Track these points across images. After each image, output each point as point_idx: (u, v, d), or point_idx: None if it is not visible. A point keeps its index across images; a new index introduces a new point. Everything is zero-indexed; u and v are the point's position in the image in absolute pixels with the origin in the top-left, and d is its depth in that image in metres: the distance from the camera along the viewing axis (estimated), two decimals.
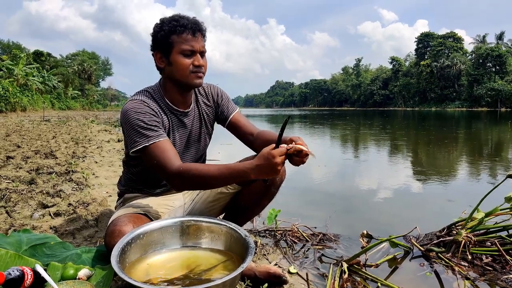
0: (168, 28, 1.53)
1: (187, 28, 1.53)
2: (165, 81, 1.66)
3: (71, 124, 13.81)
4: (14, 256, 1.41)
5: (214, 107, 1.84)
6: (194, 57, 1.56)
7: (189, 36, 1.54)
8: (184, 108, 1.71)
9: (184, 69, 1.56)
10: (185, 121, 1.72)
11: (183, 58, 1.55)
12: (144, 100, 1.60)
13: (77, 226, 2.24)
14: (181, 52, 1.54)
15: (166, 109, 1.66)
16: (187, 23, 1.53)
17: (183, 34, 1.53)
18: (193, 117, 1.76)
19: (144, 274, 1.32)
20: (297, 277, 1.75)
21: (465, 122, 20.54)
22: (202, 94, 1.82)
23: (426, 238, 2.22)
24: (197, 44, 1.55)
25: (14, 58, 32.91)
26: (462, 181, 4.58)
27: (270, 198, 1.78)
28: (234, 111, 1.84)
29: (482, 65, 66.18)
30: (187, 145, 1.77)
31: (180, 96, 1.68)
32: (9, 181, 3.32)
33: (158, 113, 1.60)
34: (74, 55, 67.14)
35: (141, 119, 1.51)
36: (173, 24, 1.53)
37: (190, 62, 1.56)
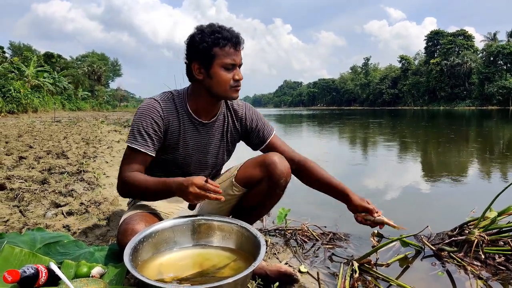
0: (211, 40, 1.49)
1: (230, 41, 1.50)
2: (197, 90, 1.63)
3: (82, 125, 13.95)
4: (29, 254, 1.43)
5: (241, 129, 1.80)
6: (235, 70, 1.54)
7: (231, 50, 1.51)
8: (205, 119, 1.68)
9: (225, 83, 1.54)
10: (202, 130, 1.69)
11: (224, 72, 1.53)
12: (160, 102, 1.61)
13: (89, 225, 2.27)
14: (223, 65, 1.52)
15: (184, 115, 1.64)
16: (230, 36, 1.50)
17: (225, 47, 1.50)
18: (214, 130, 1.72)
19: (156, 272, 1.33)
20: (307, 276, 1.75)
21: (476, 121, 20.31)
22: (233, 111, 1.77)
23: (437, 238, 2.20)
24: (238, 58, 1.54)
25: (25, 60, 33.34)
26: (473, 180, 4.53)
27: (276, 200, 1.75)
28: (271, 135, 1.80)
29: (493, 63, 65.27)
30: (202, 156, 1.74)
31: (208, 106, 1.65)
32: (22, 181, 3.36)
33: (165, 119, 1.60)
34: (84, 57, 67.81)
35: (142, 122, 1.56)
36: (216, 36, 1.49)
37: (231, 76, 1.54)
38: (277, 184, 1.62)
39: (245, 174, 1.68)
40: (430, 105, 75.72)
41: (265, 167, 1.61)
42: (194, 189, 1.35)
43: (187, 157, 1.69)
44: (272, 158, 1.61)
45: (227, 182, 1.73)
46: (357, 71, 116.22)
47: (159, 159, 1.66)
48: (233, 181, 1.70)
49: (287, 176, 1.64)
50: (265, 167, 1.61)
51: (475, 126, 15.73)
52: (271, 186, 1.63)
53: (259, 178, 1.64)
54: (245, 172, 1.69)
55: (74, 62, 63.85)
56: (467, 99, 70.38)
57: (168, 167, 1.71)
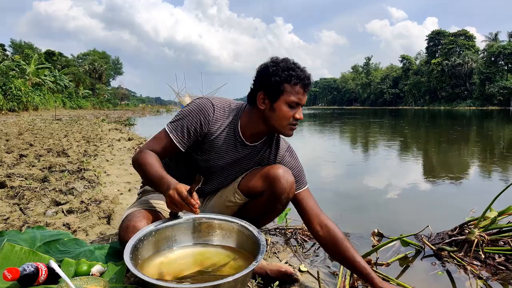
0: (284, 76, 1.50)
1: (301, 81, 1.51)
2: (254, 115, 1.62)
3: (82, 123, 13.95)
4: (29, 252, 1.43)
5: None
6: (297, 109, 1.54)
7: (300, 90, 1.52)
8: (249, 141, 1.67)
9: (285, 119, 1.54)
10: (240, 149, 1.67)
11: (287, 108, 1.52)
12: (215, 107, 1.61)
13: (89, 223, 2.27)
14: (288, 102, 1.52)
15: (232, 128, 1.63)
16: (303, 77, 1.51)
17: (296, 86, 1.51)
18: (251, 153, 1.71)
19: (157, 270, 1.33)
20: (307, 275, 1.75)
21: (476, 121, 20.29)
22: (276, 145, 1.75)
23: (437, 237, 2.20)
24: (304, 98, 1.54)
25: (26, 58, 33.34)
26: (474, 180, 4.53)
27: (276, 213, 1.73)
28: (301, 188, 1.70)
29: (494, 63, 65.18)
30: (227, 170, 1.72)
31: (257, 132, 1.65)
32: (22, 179, 3.37)
33: (212, 124, 1.60)
34: (85, 55, 67.85)
35: (189, 118, 1.57)
36: (290, 73, 1.50)
37: (292, 114, 1.54)
38: (278, 199, 1.60)
39: (248, 183, 1.67)
40: (431, 105, 75.65)
41: (268, 180, 1.60)
42: (174, 194, 1.35)
43: (213, 166, 1.68)
44: (276, 172, 1.59)
45: (230, 187, 1.73)
46: (358, 71, 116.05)
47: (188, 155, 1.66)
48: (236, 189, 1.70)
49: (289, 193, 1.61)
50: (268, 180, 1.60)
51: (475, 126, 15.72)
52: (272, 200, 1.61)
53: (261, 190, 1.63)
54: (248, 181, 1.68)
55: (75, 60, 63.94)
56: (468, 99, 70.30)
57: (192, 166, 1.70)
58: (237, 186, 1.69)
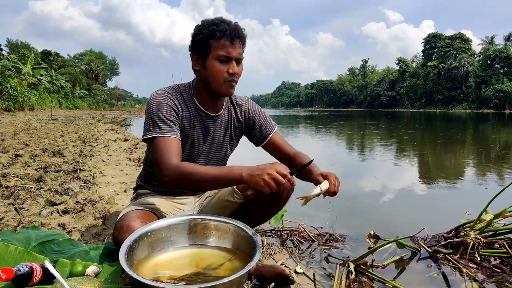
0: (207, 32, 1.50)
1: (225, 34, 1.49)
2: (198, 82, 1.64)
3: (78, 123, 13.91)
4: (23, 253, 1.42)
5: (245, 123, 1.80)
6: (230, 64, 1.52)
7: (227, 42, 1.49)
8: (212, 111, 1.68)
9: (218, 76, 1.53)
10: (208, 124, 1.69)
11: (218, 64, 1.51)
12: (170, 93, 1.60)
13: (85, 224, 2.26)
14: (217, 57, 1.51)
15: (192, 108, 1.64)
16: (226, 29, 1.49)
17: (221, 39, 1.49)
18: (219, 124, 1.72)
19: (152, 271, 1.33)
20: (303, 277, 1.75)
21: (472, 124, 20.39)
22: (237, 105, 1.78)
23: (433, 240, 2.20)
24: (234, 51, 1.51)
25: (23, 58, 33.20)
26: (470, 182, 4.54)
27: (276, 211, 1.76)
28: (273, 131, 1.82)
29: (490, 66, 65.52)
30: (207, 150, 1.73)
31: (210, 100, 1.65)
32: (17, 179, 3.35)
33: (179, 109, 1.59)
34: (81, 55, 67.67)
35: (161, 110, 1.53)
36: (212, 28, 1.49)
37: (225, 70, 1.52)
38: (278, 197, 1.62)
39: None
40: (427, 108, 75.92)
41: None
42: (274, 172, 1.34)
43: (194, 149, 1.69)
44: None
45: (228, 188, 1.72)
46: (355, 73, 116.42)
47: None
48: (235, 188, 1.70)
49: (290, 190, 1.63)
50: None
51: (471, 129, 15.79)
52: (272, 198, 1.62)
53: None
54: None
55: (72, 60, 63.75)
56: (464, 102, 70.61)
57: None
58: (235, 186, 1.69)
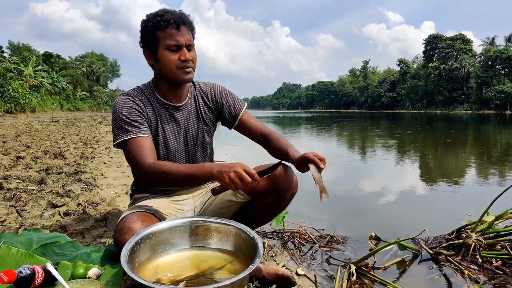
0: (152, 24, 1.52)
1: (170, 22, 1.51)
2: (155, 77, 1.67)
3: (80, 125, 13.92)
4: (25, 255, 1.42)
5: (214, 107, 1.80)
6: (181, 51, 1.54)
7: (173, 31, 1.51)
8: (176, 102, 1.69)
9: (170, 64, 1.55)
10: (177, 116, 1.70)
11: (169, 53, 1.54)
12: (131, 94, 1.63)
13: (86, 226, 2.26)
14: (166, 47, 1.53)
15: (156, 103, 1.66)
16: (170, 18, 1.51)
17: (167, 29, 1.51)
18: (188, 112, 1.73)
19: (153, 273, 1.33)
20: (305, 278, 1.75)
21: (473, 125, 20.36)
22: (202, 91, 1.78)
23: (435, 241, 2.20)
24: (182, 38, 1.52)
25: (24, 60, 33.26)
26: (471, 184, 4.53)
27: (279, 211, 1.76)
28: (242, 110, 1.80)
29: (491, 67, 65.46)
30: (185, 141, 1.74)
31: (171, 91, 1.66)
32: (19, 181, 3.35)
33: (143, 108, 1.61)
34: (83, 57, 67.79)
35: (124, 113, 1.55)
36: (157, 19, 1.51)
37: (177, 57, 1.54)
38: (282, 196, 1.62)
39: None
40: (428, 109, 75.89)
41: (271, 178, 1.60)
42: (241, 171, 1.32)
43: (169, 142, 1.69)
44: (279, 170, 1.60)
45: None
46: (355, 74, 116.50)
47: None
48: None
49: (294, 189, 1.64)
50: (271, 178, 1.60)
51: (472, 130, 15.77)
52: (276, 198, 1.62)
53: (264, 189, 1.63)
54: None
55: (73, 62, 63.84)
56: (465, 103, 70.53)
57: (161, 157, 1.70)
58: None
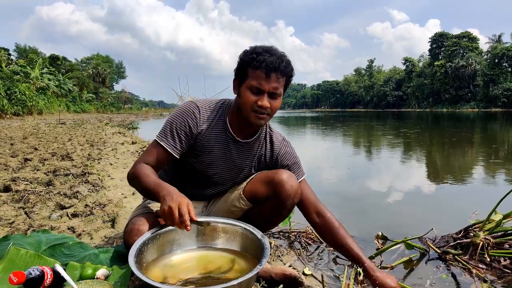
0: (247, 59, 1.49)
1: (261, 65, 1.46)
2: (234, 105, 1.64)
3: (86, 127, 14.01)
4: (34, 256, 1.44)
5: (271, 163, 1.76)
6: (261, 96, 1.50)
7: (262, 74, 1.46)
8: (239, 136, 1.65)
9: (246, 104, 1.51)
10: (233, 147, 1.66)
11: (249, 93, 1.49)
12: (200, 108, 1.61)
13: (94, 227, 2.28)
14: (249, 87, 1.49)
15: (221, 126, 1.63)
16: (264, 60, 1.46)
17: (257, 70, 1.47)
18: (245, 151, 1.70)
19: (161, 274, 1.34)
20: (312, 278, 1.75)
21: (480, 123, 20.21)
22: (271, 143, 1.75)
23: (442, 240, 2.19)
24: (267, 85, 1.47)
25: (31, 62, 33.53)
26: (479, 182, 4.50)
27: (282, 219, 1.74)
28: (300, 179, 1.74)
29: (497, 65, 64.91)
30: (224, 172, 1.71)
31: (240, 125, 1.63)
32: (27, 183, 3.38)
33: (200, 125, 1.59)
34: (88, 59, 68.23)
35: (176, 122, 1.57)
36: (252, 57, 1.48)
37: (255, 100, 1.49)
38: (283, 204, 1.61)
39: (253, 189, 1.67)
40: (434, 107, 75.38)
41: (272, 185, 1.60)
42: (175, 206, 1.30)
43: (211, 169, 1.68)
44: (280, 177, 1.59)
45: (235, 192, 1.73)
46: (361, 73, 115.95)
47: (185, 161, 1.65)
48: (241, 194, 1.70)
49: (295, 198, 1.62)
50: (272, 185, 1.60)
51: (479, 128, 15.65)
52: (277, 206, 1.62)
53: (266, 196, 1.63)
54: (253, 187, 1.68)
55: (79, 64, 64.24)
56: (472, 101, 69.95)
57: (190, 173, 1.70)
58: (241, 192, 1.70)
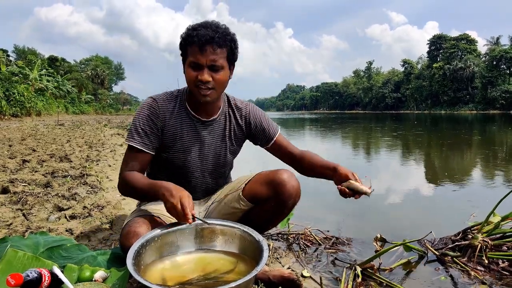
0: (184, 37, 1.53)
1: (194, 41, 1.48)
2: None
3: (85, 128, 13.99)
4: (32, 258, 1.43)
5: (245, 128, 1.78)
6: (201, 71, 1.51)
7: (196, 49, 1.48)
8: (204, 116, 1.67)
9: (189, 81, 1.55)
10: (201, 131, 1.67)
11: (190, 70, 1.52)
12: (157, 100, 1.63)
13: (92, 229, 2.27)
14: (189, 63, 1.52)
15: (183, 112, 1.65)
16: (195, 35, 1.48)
17: (192, 46, 1.49)
18: (214, 129, 1.70)
19: (159, 276, 1.33)
20: (310, 280, 1.75)
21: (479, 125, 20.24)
22: (237, 110, 1.76)
23: (441, 243, 2.19)
24: (203, 58, 1.48)
25: (29, 64, 33.49)
26: (477, 184, 4.51)
27: (282, 218, 1.76)
28: (276, 134, 1.82)
29: (496, 67, 65.11)
30: (202, 157, 1.71)
31: (199, 104, 1.63)
32: (25, 184, 3.37)
33: (161, 117, 1.61)
34: (87, 60, 68.17)
35: (138, 119, 1.60)
36: (187, 34, 1.51)
37: (195, 76, 1.51)
38: (284, 204, 1.62)
39: (253, 189, 1.68)
40: (432, 109, 75.49)
41: (273, 186, 1.60)
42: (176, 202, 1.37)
43: (187, 156, 1.68)
44: (281, 177, 1.60)
45: (235, 194, 1.73)
46: (359, 75, 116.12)
47: (162, 158, 1.67)
48: (241, 195, 1.70)
49: (296, 197, 1.63)
50: (273, 186, 1.60)
51: (477, 130, 15.68)
52: (278, 206, 1.62)
53: (266, 197, 1.63)
54: (253, 188, 1.68)
55: (78, 65, 64.19)
56: (470, 103, 70.07)
57: (171, 168, 1.71)
58: (241, 192, 1.70)
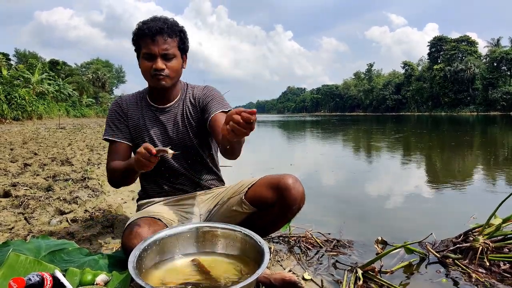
0: (135, 32, 1.66)
1: (145, 32, 1.61)
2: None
3: (86, 132, 14.01)
4: (34, 262, 1.44)
5: (198, 105, 1.79)
6: (154, 61, 1.63)
7: (148, 40, 1.61)
8: (160, 104, 1.79)
9: (145, 72, 1.67)
10: (161, 117, 1.79)
11: (145, 61, 1.65)
12: (122, 97, 1.83)
13: (93, 232, 2.28)
14: (143, 56, 1.65)
15: (144, 105, 1.80)
16: (147, 27, 1.61)
17: (144, 38, 1.62)
18: (174, 114, 1.79)
19: (160, 279, 1.34)
20: (311, 283, 1.75)
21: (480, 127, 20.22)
22: (192, 93, 1.84)
23: (442, 245, 2.19)
24: (155, 48, 1.61)
25: (30, 67, 33.57)
26: (478, 186, 4.50)
27: (285, 222, 1.76)
28: (217, 111, 1.68)
29: (496, 68, 65.13)
30: (169, 142, 1.78)
31: (157, 94, 1.77)
32: (27, 188, 3.38)
33: (125, 111, 1.79)
34: (88, 64, 68.31)
35: (109, 117, 1.82)
36: (138, 28, 1.64)
37: (150, 65, 1.64)
38: (289, 209, 1.62)
39: (256, 194, 1.68)
40: (433, 111, 75.46)
41: (278, 191, 1.60)
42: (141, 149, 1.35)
43: (155, 143, 1.77)
44: (287, 182, 1.60)
45: (237, 197, 1.73)
46: (360, 77, 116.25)
47: None
48: (243, 199, 1.70)
49: (300, 203, 1.63)
50: (278, 191, 1.60)
51: (479, 132, 15.67)
52: (282, 210, 1.63)
53: (271, 201, 1.64)
54: (257, 192, 1.68)
55: (79, 69, 64.33)
56: (471, 104, 70.04)
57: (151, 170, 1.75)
58: (243, 196, 1.70)
